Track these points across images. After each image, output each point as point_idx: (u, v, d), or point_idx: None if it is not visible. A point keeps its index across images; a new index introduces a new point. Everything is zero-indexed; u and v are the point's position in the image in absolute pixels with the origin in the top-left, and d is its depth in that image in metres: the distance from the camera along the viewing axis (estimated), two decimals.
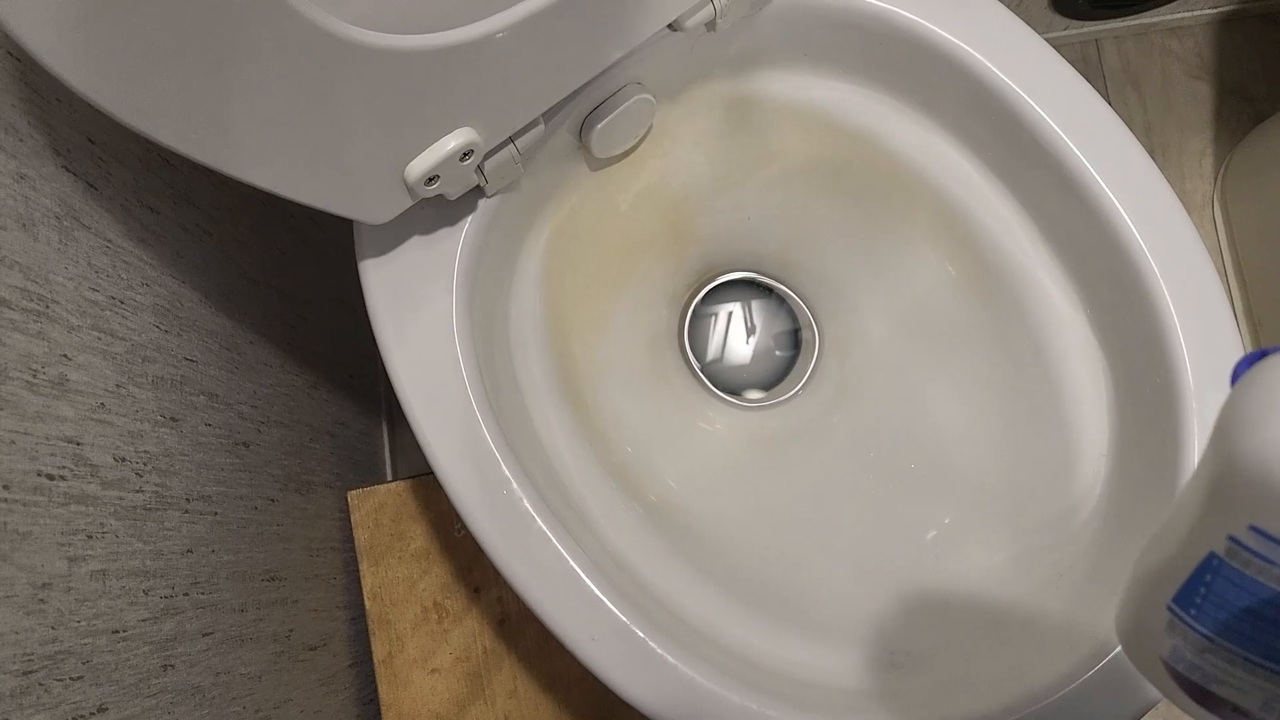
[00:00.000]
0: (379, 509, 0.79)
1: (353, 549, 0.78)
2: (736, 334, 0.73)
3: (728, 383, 0.71)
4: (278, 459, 0.67)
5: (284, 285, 0.73)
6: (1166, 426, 0.53)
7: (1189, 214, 0.55)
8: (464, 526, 0.81)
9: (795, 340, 0.73)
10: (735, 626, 0.57)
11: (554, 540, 0.52)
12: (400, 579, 0.78)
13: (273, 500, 0.65)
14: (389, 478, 0.99)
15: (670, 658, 0.50)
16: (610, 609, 0.51)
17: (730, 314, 0.73)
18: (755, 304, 0.73)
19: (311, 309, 0.79)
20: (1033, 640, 0.56)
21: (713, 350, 0.73)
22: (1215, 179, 1.05)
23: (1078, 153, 0.55)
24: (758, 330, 0.73)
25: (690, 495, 0.64)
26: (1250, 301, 1.00)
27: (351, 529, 0.79)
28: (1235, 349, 0.53)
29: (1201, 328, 0.53)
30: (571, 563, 0.51)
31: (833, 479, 0.66)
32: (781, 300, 0.73)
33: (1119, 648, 0.50)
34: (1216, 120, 1.07)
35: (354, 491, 0.79)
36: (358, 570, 0.78)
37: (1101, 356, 0.59)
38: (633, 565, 0.58)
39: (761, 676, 0.54)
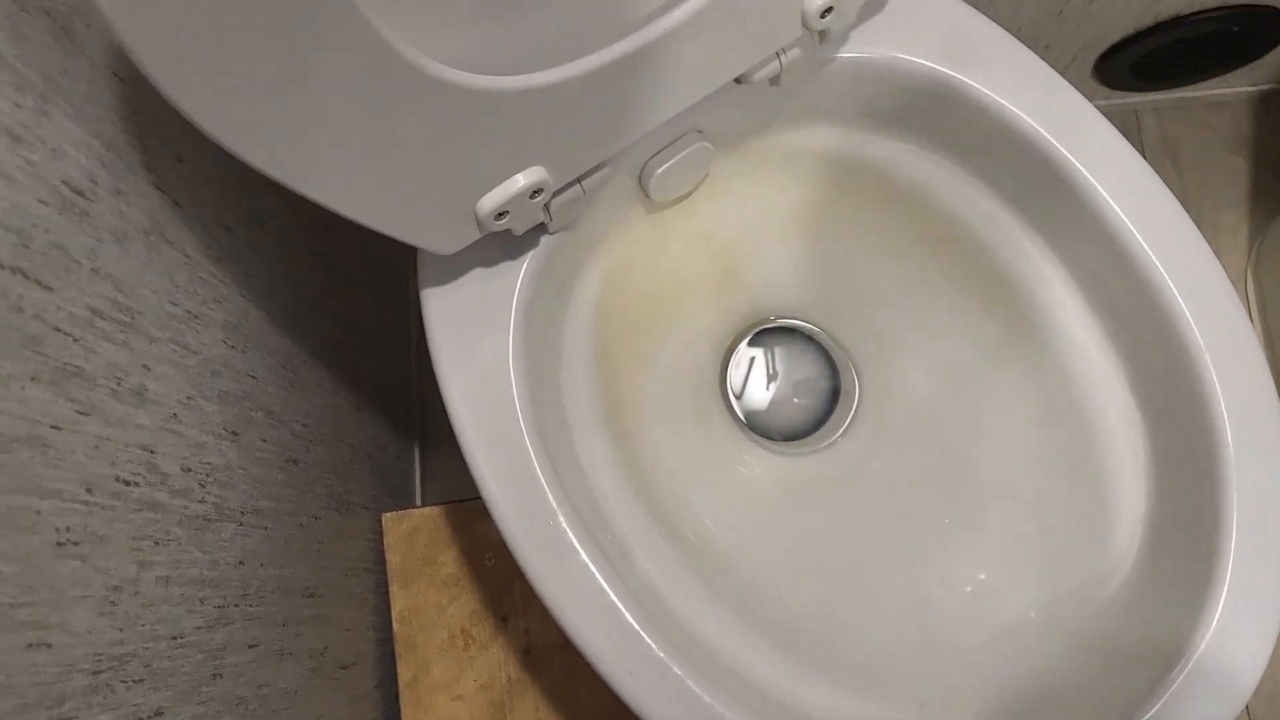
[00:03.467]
0: (412, 533, 0.80)
1: (384, 571, 0.79)
2: (757, 379, 0.74)
3: (767, 427, 0.72)
4: (322, 477, 0.68)
5: (337, 310, 0.74)
6: (1206, 498, 0.54)
7: None
8: (494, 555, 0.82)
9: (820, 389, 0.74)
10: (767, 668, 0.58)
11: (596, 573, 0.52)
12: (429, 603, 0.79)
13: (315, 518, 0.66)
14: (418, 503, 1.00)
15: (707, 696, 0.51)
16: (649, 644, 0.52)
17: (753, 359, 0.74)
18: (778, 349, 0.74)
19: (360, 334, 0.80)
20: (1061, 702, 0.56)
21: (732, 392, 0.74)
22: (1249, 254, 1.06)
23: (1130, 225, 0.56)
24: (779, 376, 0.74)
25: (727, 536, 0.65)
26: None
27: (384, 551, 0.80)
28: (1277, 424, 0.54)
29: (1244, 401, 0.54)
30: (613, 595, 0.52)
31: (869, 528, 0.67)
32: (808, 345, 0.74)
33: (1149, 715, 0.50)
34: (1252, 196, 1.08)
35: (388, 514, 0.81)
36: (388, 592, 0.79)
37: (1142, 424, 0.60)
38: (670, 602, 0.58)
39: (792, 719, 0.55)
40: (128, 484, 0.42)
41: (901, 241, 0.68)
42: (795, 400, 0.73)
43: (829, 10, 0.53)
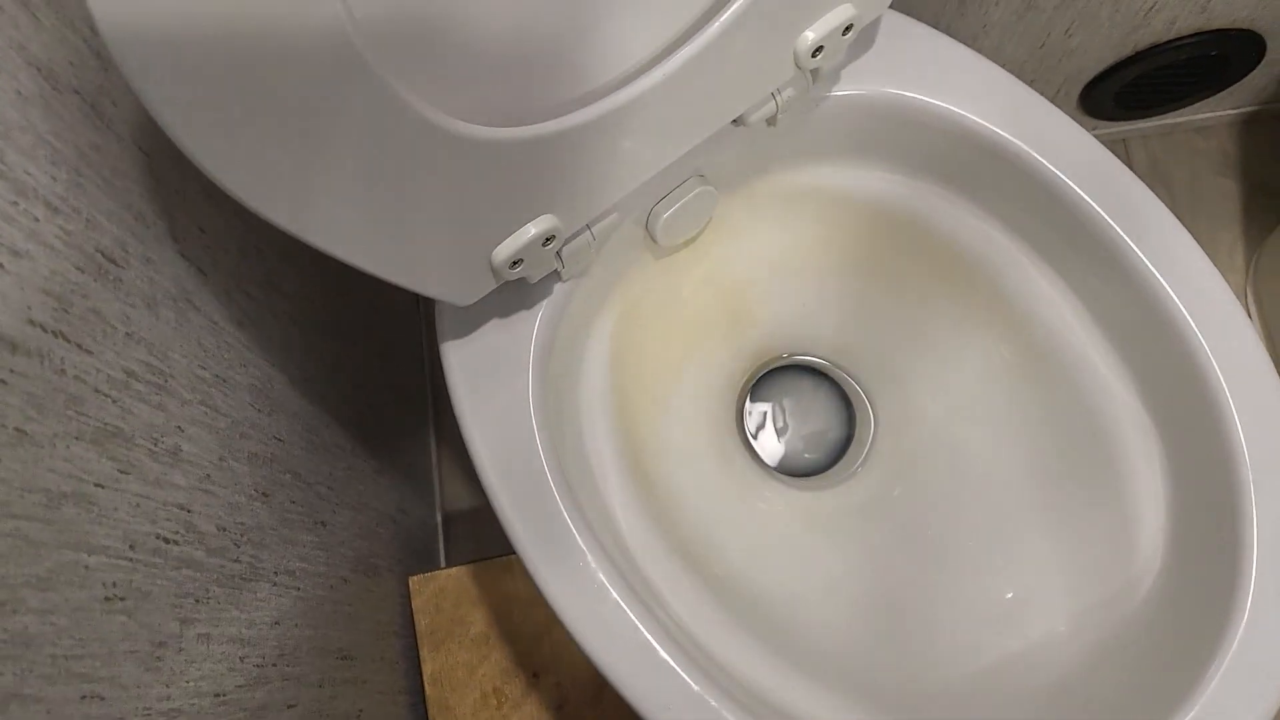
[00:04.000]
0: (439, 594, 0.81)
1: (413, 633, 0.79)
2: (774, 415, 0.75)
3: (786, 463, 0.73)
4: (349, 540, 0.69)
5: (355, 374, 0.76)
6: (1224, 505, 0.54)
7: None
8: (521, 612, 0.82)
9: (836, 423, 0.75)
10: (804, 700, 0.58)
11: (629, 611, 0.53)
12: (460, 664, 0.79)
13: (345, 580, 0.66)
14: (443, 564, 1.01)
15: None
16: (685, 679, 0.52)
17: (765, 413, 0.75)
18: (788, 401, 0.75)
19: (377, 398, 0.82)
20: (1097, 712, 0.56)
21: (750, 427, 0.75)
22: (1246, 271, 1.07)
23: (1129, 242, 0.57)
24: (789, 430, 0.75)
25: (754, 570, 0.65)
26: None
27: (412, 614, 0.80)
28: None
29: (1256, 408, 0.55)
30: (645, 633, 0.53)
31: (894, 555, 0.67)
32: (821, 380, 0.75)
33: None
34: (1245, 215, 1.10)
35: (415, 577, 0.81)
36: (418, 655, 0.79)
37: (1156, 436, 0.61)
38: (702, 638, 0.59)
39: None
40: (168, 541, 0.43)
41: (906, 272, 0.69)
42: (812, 435, 0.74)
43: (820, 49, 0.55)
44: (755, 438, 0.74)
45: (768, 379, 0.76)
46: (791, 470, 0.72)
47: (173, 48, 0.31)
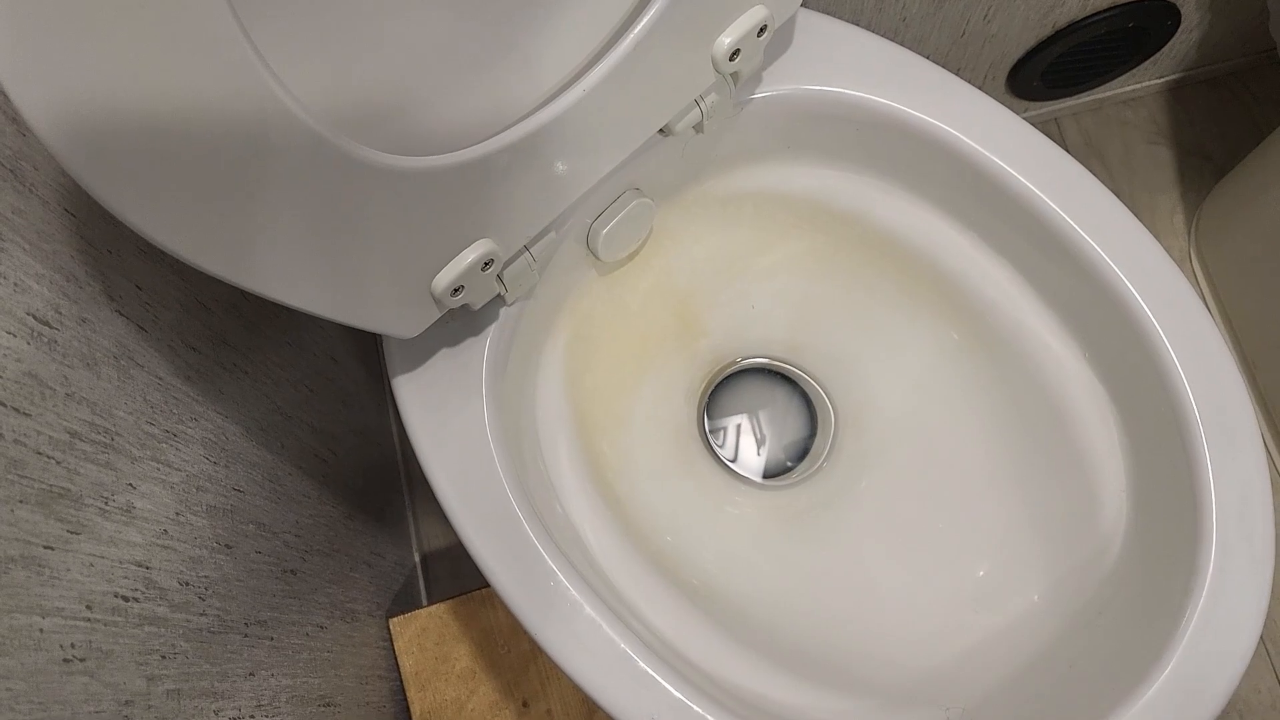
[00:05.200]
0: (422, 633, 0.80)
1: (399, 675, 0.78)
2: (747, 445, 0.75)
3: (751, 466, 0.73)
4: (323, 587, 0.68)
5: (313, 420, 0.75)
6: (1181, 463, 0.55)
7: None
8: (506, 642, 0.81)
9: (796, 421, 0.75)
10: (792, 698, 0.58)
11: (603, 624, 0.53)
12: (448, 701, 0.78)
13: (321, 627, 0.66)
14: (424, 603, 1.00)
15: None
16: (665, 687, 0.52)
17: (739, 426, 0.76)
18: (763, 413, 0.75)
19: (340, 443, 0.81)
20: (1080, 677, 0.56)
21: (723, 453, 0.75)
22: (1188, 234, 1.09)
23: (1063, 215, 0.58)
24: (767, 440, 0.75)
25: (730, 575, 0.65)
26: (1239, 342, 1.03)
27: (396, 655, 0.79)
28: (1233, 374, 0.55)
29: (1202, 366, 0.56)
30: (623, 645, 0.52)
31: (866, 547, 0.67)
32: (778, 381, 0.76)
33: (1165, 672, 0.51)
34: (1181, 180, 1.12)
35: (395, 618, 0.80)
36: (405, 696, 0.78)
37: (1110, 403, 0.62)
38: (679, 646, 0.59)
39: None
40: (127, 599, 0.43)
41: (850, 264, 0.70)
42: (772, 461, 0.74)
43: (737, 52, 0.56)
44: (735, 456, 0.74)
45: (730, 384, 0.76)
46: (758, 470, 0.73)
47: (96, 119, 0.31)
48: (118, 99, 0.32)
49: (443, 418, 0.56)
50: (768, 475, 0.73)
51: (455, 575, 1.02)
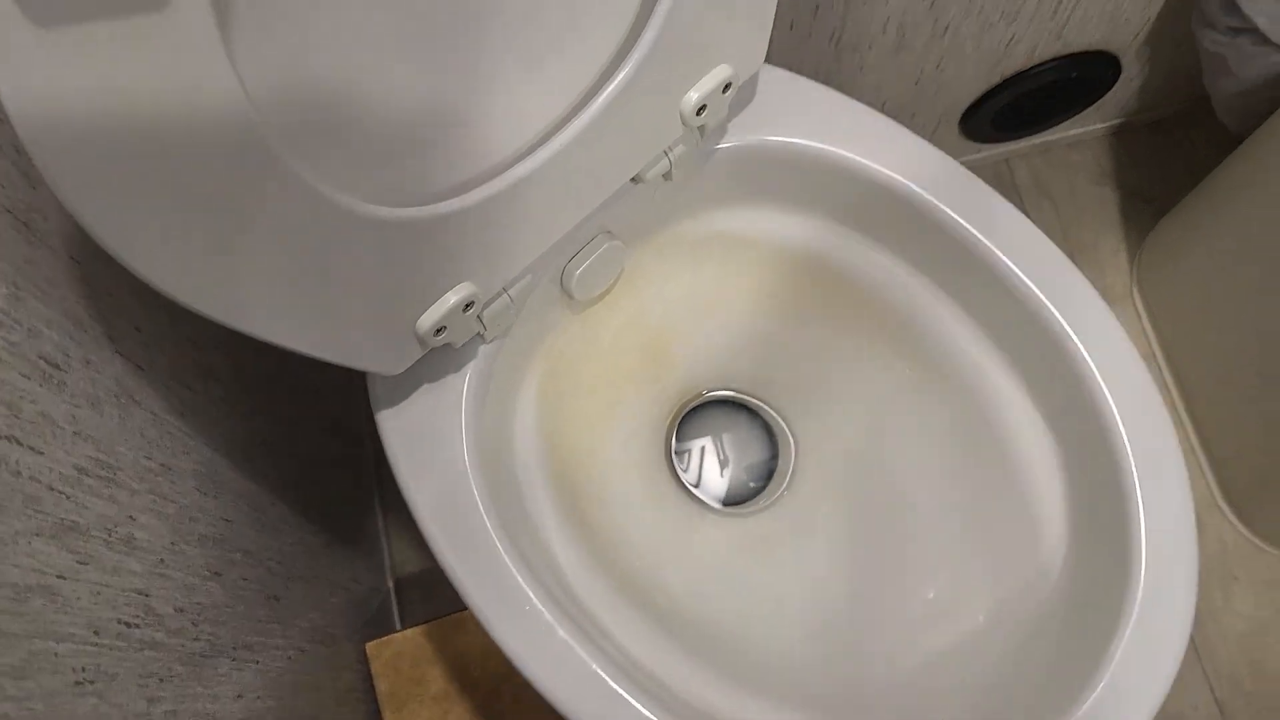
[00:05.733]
0: (397, 656, 0.83)
1: (375, 698, 0.81)
2: (711, 466, 0.79)
3: (717, 494, 0.76)
4: (304, 612, 0.71)
5: (296, 451, 0.78)
6: (1112, 484, 0.59)
7: (1111, 305, 0.62)
8: (479, 666, 0.84)
9: (768, 469, 0.79)
10: (755, 715, 0.61)
11: (576, 646, 0.56)
12: None
13: (303, 650, 0.68)
14: (398, 627, 1.02)
15: None
16: (635, 706, 0.55)
17: (703, 448, 0.79)
18: (726, 436, 0.79)
19: (322, 472, 0.84)
20: (1021, 692, 0.60)
21: (689, 485, 0.78)
22: (1131, 271, 1.15)
23: (998, 253, 0.62)
24: (731, 461, 0.79)
25: (697, 599, 0.68)
26: (1179, 375, 1.08)
27: (372, 679, 0.82)
28: (1160, 409, 0.60)
29: (1129, 394, 0.60)
30: (594, 666, 0.56)
31: (824, 572, 0.71)
32: (742, 412, 0.79)
33: (1098, 689, 0.55)
34: (1124, 219, 1.17)
35: (371, 642, 0.83)
36: (382, 719, 0.80)
37: (1048, 432, 0.66)
38: (649, 667, 0.62)
39: None
40: (129, 625, 0.45)
41: (809, 303, 0.74)
42: (740, 468, 0.78)
43: (703, 108, 0.60)
44: (699, 476, 0.78)
45: (697, 416, 0.80)
46: (723, 499, 0.76)
47: (93, 157, 0.34)
48: (124, 149, 0.35)
49: (424, 450, 0.59)
50: (732, 502, 0.76)
51: (427, 599, 1.04)
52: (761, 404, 0.78)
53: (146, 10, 0.33)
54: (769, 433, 0.78)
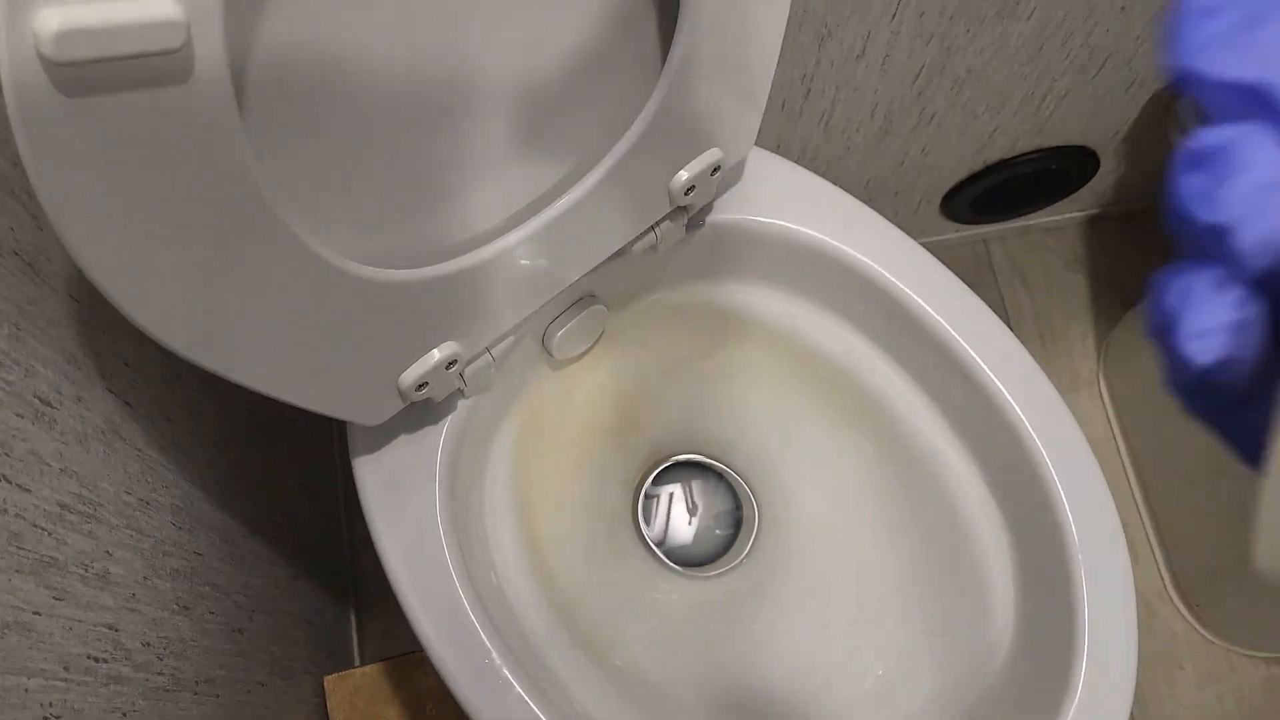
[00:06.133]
0: (354, 692, 0.84)
1: None
2: (679, 513, 0.81)
3: (681, 556, 0.78)
4: (265, 645, 0.72)
5: (272, 484, 0.79)
6: (1060, 573, 0.62)
7: (1077, 389, 0.65)
8: (434, 705, 0.85)
9: (735, 518, 0.81)
10: None
11: (532, 704, 0.57)
12: None
13: (262, 684, 0.69)
14: (357, 662, 1.03)
15: None
16: None
17: (671, 495, 0.81)
18: (696, 484, 0.81)
19: (294, 505, 0.85)
20: None
21: (657, 529, 0.80)
22: (1098, 357, 1.18)
23: (961, 341, 0.65)
24: (699, 509, 0.81)
25: (652, 659, 0.70)
26: (1137, 464, 1.11)
27: (329, 713, 0.83)
28: (1106, 497, 0.62)
29: (1081, 489, 0.63)
30: None
31: (779, 639, 0.73)
32: (708, 476, 0.82)
33: None
34: (1094, 306, 1.21)
35: (330, 677, 0.84)
36: None
37: (1001, 518, 0.68)
38: None
39: None
40: (97, 660, 0.46)
41: (781, 375, 0.76)
42: (703, 529, 0.79)
43: (692, 188, 0.62)
44: (661, 529, 0.80)
45: (666, 477, 0.81)
46: (685, 560, 0.78)
47: (103, 214, 0.36)
48: (135, 209, 0.36)
49: (398, 499, 0.61)
50: (694, 564, 0.78)
51: (387, 636, 1.05)
52: (729, 470, 0.80)
53: (169, 83, 0.35)
54: (735, 498, 0.80)
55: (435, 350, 0.57)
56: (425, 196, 0.53)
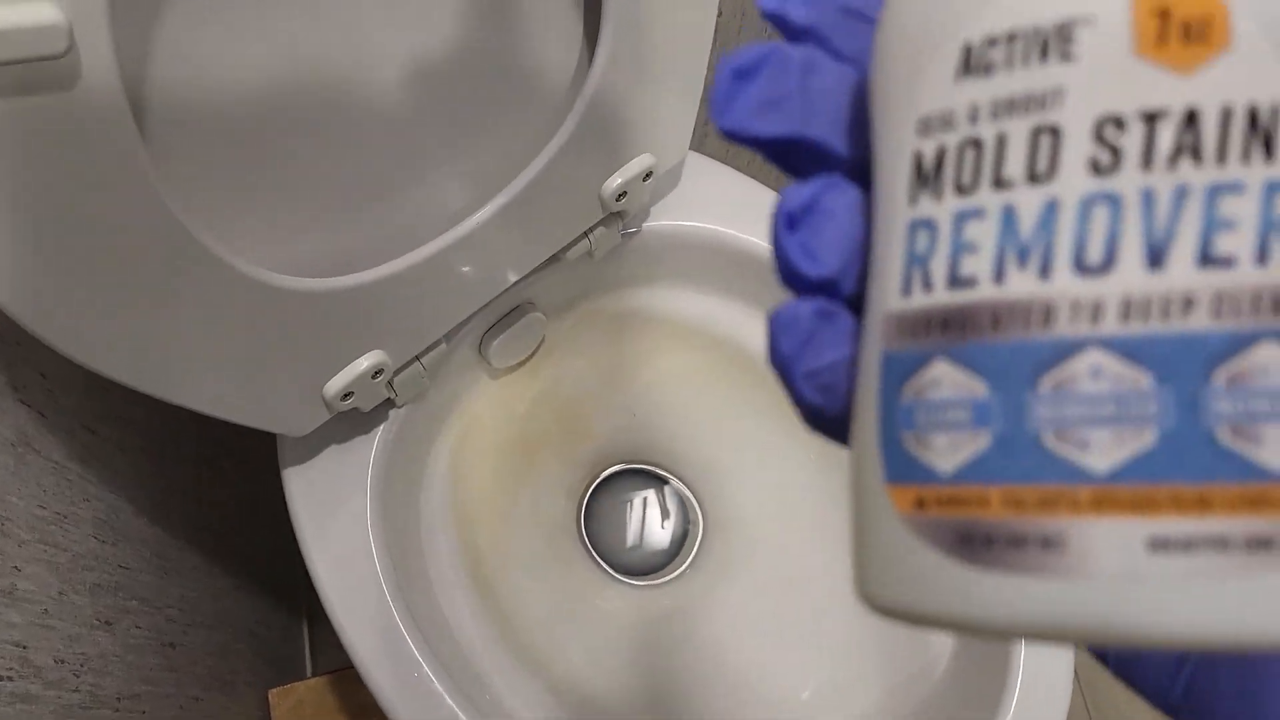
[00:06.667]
0: (298, 705, 0.82)
1: None
2: (654, 519, 0.80)
3: (625, 565, 0.78)
4: (203, 659, 0.71)
5: (211, 494, 0.78)
6: None
7: None
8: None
9: (668, 523, 0.80)
10: None
11: (462, 716, 0.57)
12: None
13: (197, 699, 0.68)
14: (308, 674, 1.02)
15: None
16: None
17: (645, 499, 0.80)
18: (641, 492, 0.80)
19: (234, 516, 0.84)
20: None
21: (632, 537, 0.79)
22: None
23: None
24: (672, 515, 0.80)
25: (594, 669, 0.69)
26: None
27: None
28: None
29: None
30: None
31: (724, 648, 0.72)
32: (653, 483, 0.81)
33: None
34: None
35: (274, 690, 0.83)
36: None
37: None
38: None
39: None
40: (1, 679, 0.45)
41: (723, 381, 0.76)
42: (647, 537, 0.79)
43: (624, 194, 0.62)
44: (605, 545, 0.79)
45: (610, 486, 0.81)
46: (630, 570, 0.77)
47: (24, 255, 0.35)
48: (37, 226, 0.36)
49: (327, 511, 0.60)
50: (638, 573, 0.77)
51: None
52: (673, 477, 0.79)
53: (55, 89, 0.34)
54: (681, 506, 0.80)
55: (361, 359, 0.56)
56: (343, 205, 0.52)
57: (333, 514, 0.60)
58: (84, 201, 0.36)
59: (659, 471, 0.79)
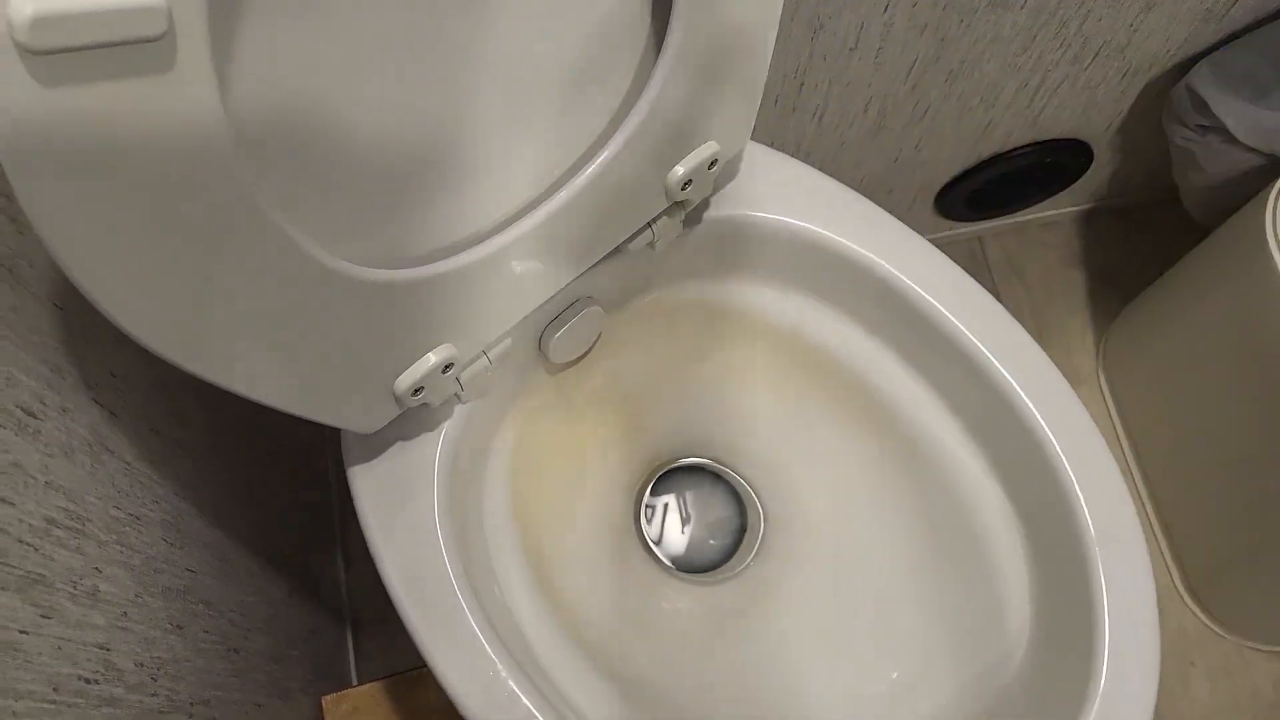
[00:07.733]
0: (354, 711, 0.81)
1: None
2: (672, 519, 0.79)
3: (685, 562, 0.77)
4: (262, 665, 0.70)
5: (264, 499, 0.77)
6: (1076, 565, 0.60)
7: (1077, 385, 0.63)
8: None
9: (728, 519, 0.79)
10: None
11: (540, 717, 0.56)
12: None
13: (259, 705, 0.67)
14: (354, 682, 1.01)
15: None
16: None
17: (666, 505, 0.79)
18: (698, 489, 0.79)
19: (287, 520, 0.83)
20: None
21: (691, 533, 0.78)
22: (1097, 352, 1.17)
23: (969, 334, 0.64)
24: (692, 519, 0.79)
25: (662, 668, 0.68)
26: (1141, 459, 1.10)
27: None
28: (1122, 491, 0.61)
29: (1091, 475, 0.61)
30: None
31: (790, 645, 0.71)
32: (712, 479, 0.80)
33: None
34: (1091, 301, 1.20)
35: (328, 696, 0.82)
36: None
37: (1013, 513, 0.67)
38: None
39: None
40: (89, 682, 0.45)
41: (784, 375, 0.75)
42: (707, 533, 0.78)
43: (689, 183, 0.61)
44: (659, 536, 0.78)
45: (668, 481, 0.80)
46: (690, 567, 0.76)
47: (82, 210, 0.34)
48: (116, 204, 0.35)
49: (395, 509, 0.59)
50: (699, 570, 0.77)
51: (386, 653, 1.03)
52: (732, 473, 0.78)
53: (152, 73, 0.33)
54: (739, 501, 0.79)
55: (431, 354, 0.55)
56: (416, 197, 0.51)
57: (401, 513, 0.59)
58: (169, 185, 0.36)
59: (716, 467, 0.78)
